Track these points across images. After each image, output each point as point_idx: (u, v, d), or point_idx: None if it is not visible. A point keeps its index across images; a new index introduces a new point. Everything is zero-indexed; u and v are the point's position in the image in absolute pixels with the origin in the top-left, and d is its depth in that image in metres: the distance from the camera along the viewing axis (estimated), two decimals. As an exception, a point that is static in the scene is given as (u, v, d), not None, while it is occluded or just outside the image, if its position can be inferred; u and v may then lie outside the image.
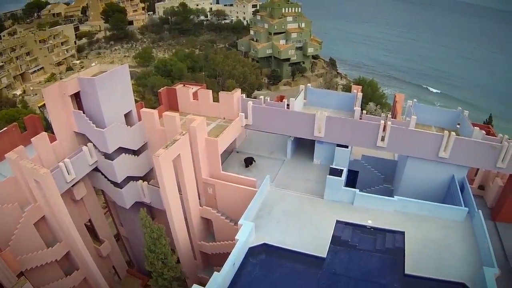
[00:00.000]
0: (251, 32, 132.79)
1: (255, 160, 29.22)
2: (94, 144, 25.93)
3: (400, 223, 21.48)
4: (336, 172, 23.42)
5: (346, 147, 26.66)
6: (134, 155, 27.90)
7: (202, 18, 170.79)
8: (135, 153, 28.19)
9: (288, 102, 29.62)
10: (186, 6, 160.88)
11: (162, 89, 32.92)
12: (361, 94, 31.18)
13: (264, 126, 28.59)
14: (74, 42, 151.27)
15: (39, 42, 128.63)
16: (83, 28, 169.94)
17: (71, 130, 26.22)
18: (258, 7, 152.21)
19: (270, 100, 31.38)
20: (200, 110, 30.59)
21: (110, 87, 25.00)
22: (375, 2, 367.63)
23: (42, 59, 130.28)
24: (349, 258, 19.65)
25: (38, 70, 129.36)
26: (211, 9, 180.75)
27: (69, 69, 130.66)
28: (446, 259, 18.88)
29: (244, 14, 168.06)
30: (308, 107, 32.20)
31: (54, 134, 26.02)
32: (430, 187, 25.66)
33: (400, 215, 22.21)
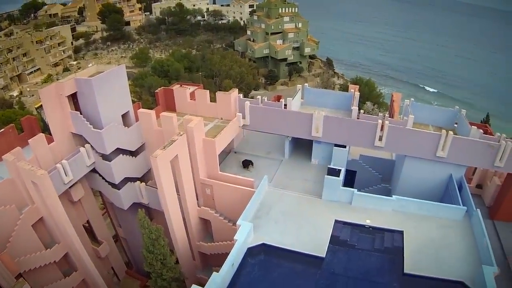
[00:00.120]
0: (248, 32, 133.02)
1: (253, 162, 29.00)
2: (91, 145, 25.83)
3: (398, 223, 21.48)
4: (334, 172, 23.43)
5: (344, 147, 26.65)
6: (131, 156, 27.80)
7: (199, 18, 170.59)
8: (133, 154, 28.11)
9: (285, 102, 29.59)
10: (182, 7, 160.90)
11: (159, 89, 32.87)
12: (358, 94, 31.20)
13: (261, 126, 28.55)
14: (71, 43, 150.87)
15: (36, 43, 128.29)
16: (80, 28, 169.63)
17: (68, 131, 26.11)
18: (255, 7, 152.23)
19: (267, 100, 31.36)
20: (197, 111, 30.52)
21: (107, 88, 24.92)
22: (373, 1, 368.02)
23: (39, 60, 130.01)
24: (348, 257, 19.65)
25: (35, 71, 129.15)
26: (208, 9, 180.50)
27: (66, 70, 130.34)
28: (445, 258, 18.90)
29: (241, 14, 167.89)
30: (305, 107, 32.18)
31: (51, 135, 25.92)
32: (428, 187, 25.68)
33: (398, 215, 22.22)
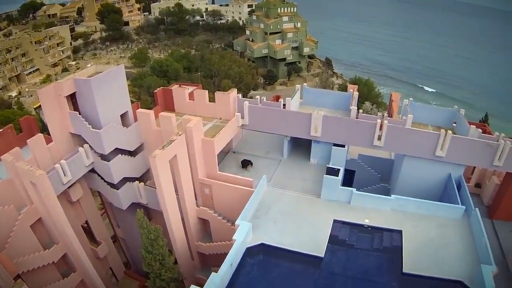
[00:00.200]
0: (247, 32, 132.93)
1: (252, 162, 28.99)
2: (90, 145, 25.78)
3: (397, 222, 21.49)
4: (333, 171, 23.43)
5: (343, 147, 26.66)
6: (130, 156, 27.76)
7: (198, 18, 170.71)
8: (132, 154, 28.07)
9: (284, 102, 29.57)
10: (181, 7, 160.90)
11: (158, 89, 32.81)
12: (357, 94, 31.16)
13: (260, 126, 28.54)
14: (70, 43, 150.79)
15: (35, 43, 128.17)
16: (79, 29, 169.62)
17: (67, 131, 26.06)
18: (253, 7, 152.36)
19: (266, 100, 31.33)
20: (196, 111, 30.49)
21: (106, 88, 24.88)
22: (372, 1, 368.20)
23: (37, 60, 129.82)
24: (346, 257, 19.64)
25: (33, 71, 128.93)
26: (207, 9, 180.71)
27: (64, 70, 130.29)
28: (443, 258, 18.90)
29: (239, 14, 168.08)
30: (304, 107, 32.15)
31: (50, 136, 25.88)
32: (427, 186, 25.69)
33: (397, 214, 22.22)
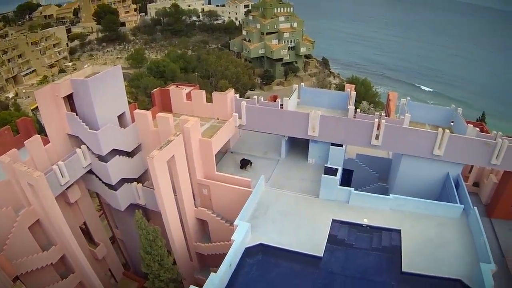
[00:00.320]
0: (244, 32, 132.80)
1: (252, 162, 29.01)
2: (87, 146, 25.70)
3: (396, 221, 21.52)
4: (331, 171, 23.44)
5: (341, 146, 26.69)
6: (128, 157, 27.69)
7: (194, 18, 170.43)
8: (129, 154, 28.01)
9: (281, 102, 29.59)
10: (178, 7, 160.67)
11: (155, 90, 32.75)
12: (354, 93, 31.28)
13: (258, 126, 28.55)
14: (66, 44, 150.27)
15: (31, 44, 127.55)
16: (75, 30, 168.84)
17: (64, 132, 25.97)
18: (250, 7, 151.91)
19: (264, 100, 31.36)
20: (193, 111, 30.48)
21: (103, 89, 24.81)
22: (370, 1, 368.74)
23: (34, 62, 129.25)
24: (345, 257, 19.66)
25: (30, 72, 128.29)
26: (203, 9, 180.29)
27: (61, 71, 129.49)
28: (442, 256, 18.93)
29: (236, 14, 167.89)
30: (301, 107, 32.20)
31: (47, 137, 25.77)
32: (425, 185, 25.75)
33: (396, 213, 22.25)
